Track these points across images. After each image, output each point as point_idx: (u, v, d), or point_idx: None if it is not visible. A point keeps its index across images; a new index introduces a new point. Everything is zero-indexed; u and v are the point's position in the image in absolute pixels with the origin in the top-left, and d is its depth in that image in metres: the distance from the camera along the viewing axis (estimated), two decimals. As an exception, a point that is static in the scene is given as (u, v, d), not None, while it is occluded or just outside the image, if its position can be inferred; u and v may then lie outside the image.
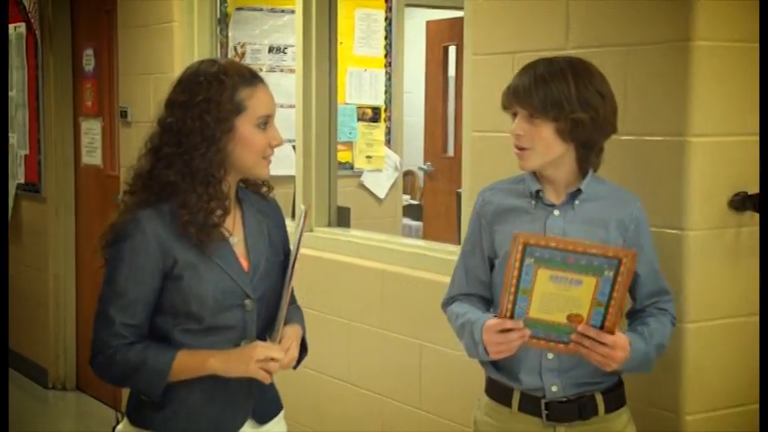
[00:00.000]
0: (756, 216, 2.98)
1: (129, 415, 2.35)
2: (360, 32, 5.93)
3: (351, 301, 3.99)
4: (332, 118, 4.30)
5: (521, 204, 2.51)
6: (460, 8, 3.60)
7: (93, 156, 6.19)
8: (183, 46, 4.94)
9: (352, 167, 5.92)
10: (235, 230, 2.34)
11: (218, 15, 5.12)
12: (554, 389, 2.42)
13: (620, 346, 2.28)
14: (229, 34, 5.38)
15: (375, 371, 3.92)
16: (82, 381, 6.40)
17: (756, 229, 2.99)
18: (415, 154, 7.01)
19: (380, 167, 6.05)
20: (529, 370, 2.44)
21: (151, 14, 5.16)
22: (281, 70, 5.47)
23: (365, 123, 6.00)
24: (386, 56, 6.05)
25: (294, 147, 4.36)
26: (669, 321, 2.54)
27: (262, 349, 2.21)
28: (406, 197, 6.82)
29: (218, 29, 5.13)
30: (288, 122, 4.66)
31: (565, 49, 3.09)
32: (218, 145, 2.20)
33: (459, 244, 3.35)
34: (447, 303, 2.66)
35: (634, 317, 2.54)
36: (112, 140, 5.86)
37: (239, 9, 5.44)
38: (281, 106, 5.19)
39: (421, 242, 4.54)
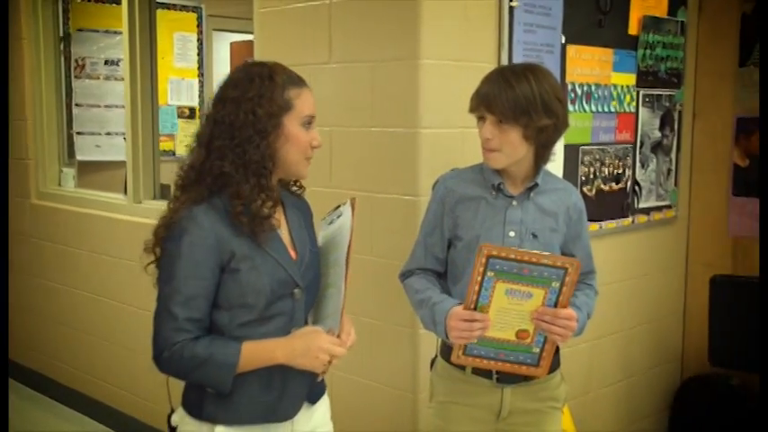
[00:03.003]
0: None
1: (185, 406, 1.98)
2: (177, 50, 5.95)
3: None
4: (154, 116, 4.28)
5: (482, 194, 2.26)
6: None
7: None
8: (31, 58, 4.79)
9: (174, 154, 5.91)
10: (281, 223, 2.00)
11: (62, 34, 5.00)
12: None
13: (573, 317, 2.10)
14: (72, 50, 5.26)
15: None
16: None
17: None
18: None
19: None
20: None
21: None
22: (116, 79, 5.37)
23: (184, 120, 6.04)
24: (199, 68, 6.09)
25: (125, 138, 4.33)
26: (594, 294, 2.39)
27: (328, 346, 1.87)
28: None
29: (62, 45, 5.01)
30: (120, 119, 4.71)
31: (329, 63, 3.10)
32: (269, 139, 1.88)
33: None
34: (405, 276, 2.39)
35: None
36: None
37: (80, 30, 5.32)
38: (116, 107, 5.29)
39: None
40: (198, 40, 6.03)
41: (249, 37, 3.48)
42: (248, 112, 1.86)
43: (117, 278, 4.27)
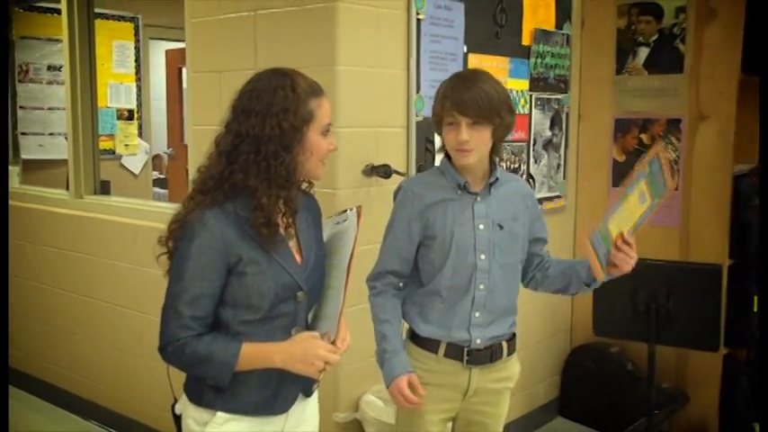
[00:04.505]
0: (380, 179, 2.99)
1: (187, 393, 1.89)
2: (116, 57, 5.80)
3: (113, 248, 3.82)
4: (94, 117, 4.15)
5: (448, 195, 2.17)
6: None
7: None
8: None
9: (114, 152, 5.80)
10: (288, 228, 1.86)
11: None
12: (478, 341, 2.16)
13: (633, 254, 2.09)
14: (16, 56, 5.07)
15: (135, 294, 3.72)
16: None
17: (380, 187, 3.00)
18: (161, 142, 6.89)
19: (135, 152, 5.95)
20: (459, 325, 2.16)
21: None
22: (58, 83, 5.19)
23: (123, 121, 5.88)
24: (136, 73, 5.94)
25: (66, 138, 4.19)
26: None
27: (324, 353, 1.75)
28: (155, 173, 6.70)
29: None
30: (62, 121, 4.55)
31: (254, 69, 2.87)
32: (293, 152, 1.75)
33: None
34: (374, 279, 2.25)
35: (544, 260, 2.30)
36: None
37: (23, 38, 5.14)
38: (58, 109, 5.13)
39: (165, 204, 4.45)
40: (135, 48, 5.90)
41: (183, 45, 3.40)
42: (274, 126, 1.72)
43: (59, 268, 4.16)
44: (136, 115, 5.95)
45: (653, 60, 3.82)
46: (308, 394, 1.96)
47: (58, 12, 4.10)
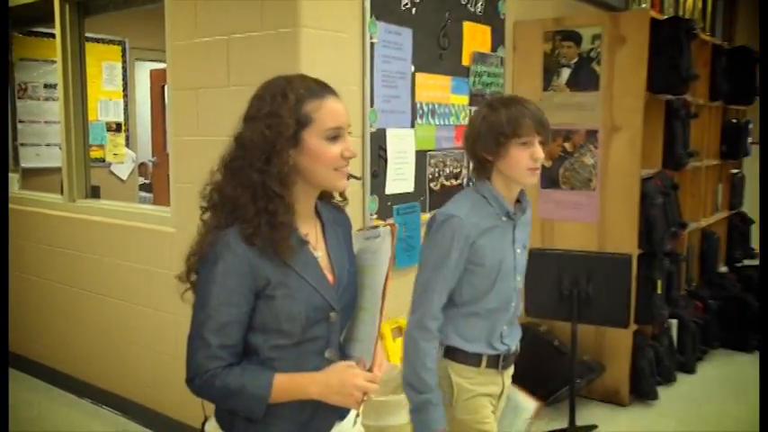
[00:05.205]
0: None
1: (219, 421, 1.53)
2: (105, 76, 5.71)
3: (102, 246, 3.74)
4: (85, 129, 4.05)
5: (494, 223, 1.91)
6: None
7: None
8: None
9: (104, 160, 5.71)
10: (318, 244, 1.53)
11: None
12: (513, 348, 2.02)
13: None
14: (15, 76, 4.94)
15: (121, 286, 3.65)
16: None
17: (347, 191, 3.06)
18: (145, 151, 6.78)
19: (122, 160, 5.86)
20: (496, 339, 1.97)
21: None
22: (53, 99, 5.06)
23: (111, 133, 5.79)
24: (123, 90, 5.85)
25: (60, 148, 4.09)
26: None
27: (362, 383, 1.43)
28: (141, 178, 6.60)
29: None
30: (57, 133, 4.43)
31: (227, 86, 3.01)
32: (281, 158, 1.41)
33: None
34: (427, 319, 1.88)
35: None
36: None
37: (22, 59, 5.01)
38: (54, 122, 4.99)
39: (150, 206, 4.38)
40: (122, 68, 5.82)
41: (165, 65, 3.34)
42: (257, 131, 1.42)
43: (54, 264, 4.07)
44: (123, 127, 5.88)
45: (574, 80, 3.84)
46: (343, 416, 1.60)
47: (53, 36, 4.01)
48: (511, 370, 2.10)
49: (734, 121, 5.43)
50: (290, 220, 1.43)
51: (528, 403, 2.99)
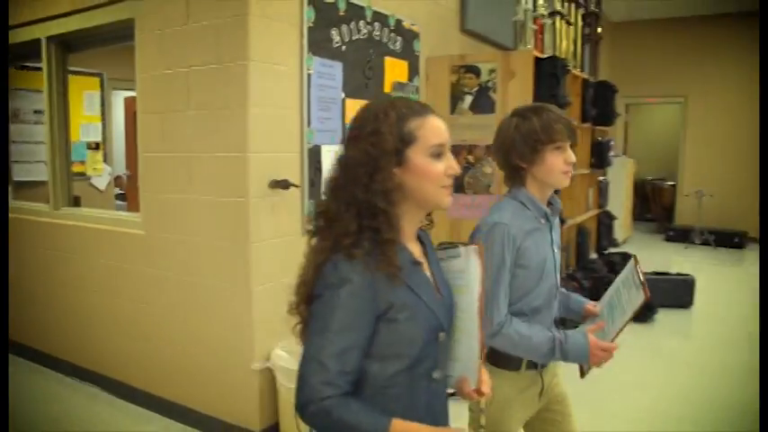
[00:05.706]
0: (281, 190, 2.88)
1: None
2: (86, 103, 5.70)
3: (83, 246, 3.71)
4: (68, 148, 4.07)
5: (534, 225, 1.76)
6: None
7: None
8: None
9: (85, 174, 5.69)
10: (425, 265, 1.36)
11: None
12: None
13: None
14: (10, 103, 4.91)
15: (97, 281, 3.62)
16: None
17: (281, 197, 2.90)
18: (120, 165, 6.73)
19: (101, 174, 5.85)
20: None
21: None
22: (41, 123, 5.02)
23: (91, 151, 5.78)
24: (102, 115, 5.85)
25: (46, 164, 4.13)
26: None
27: None
28: (117, 189, 6.58)
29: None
30: (43, 151, 4.48)
31: (188, 110, 2.97)
32: (385, 173, 1.24)
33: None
34: (505, 324, 1.71)
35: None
36: None
37: (15, 89, 5.01)
38: (41, 143, 5.03)
39: (123, 212, 4.30)
40: (101, 96, 5.82)
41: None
42: (362, 150, 1.25)
43: (42, 264, 4.09)
44: (101, 146, 5.86)
45: (475, 104, 3.91)
46: None
47: (41, 69, 4.04)
48: (552, 368, 1.91)
49: (599, 139, 5.84)
50: (395, 237, 1.26)
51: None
